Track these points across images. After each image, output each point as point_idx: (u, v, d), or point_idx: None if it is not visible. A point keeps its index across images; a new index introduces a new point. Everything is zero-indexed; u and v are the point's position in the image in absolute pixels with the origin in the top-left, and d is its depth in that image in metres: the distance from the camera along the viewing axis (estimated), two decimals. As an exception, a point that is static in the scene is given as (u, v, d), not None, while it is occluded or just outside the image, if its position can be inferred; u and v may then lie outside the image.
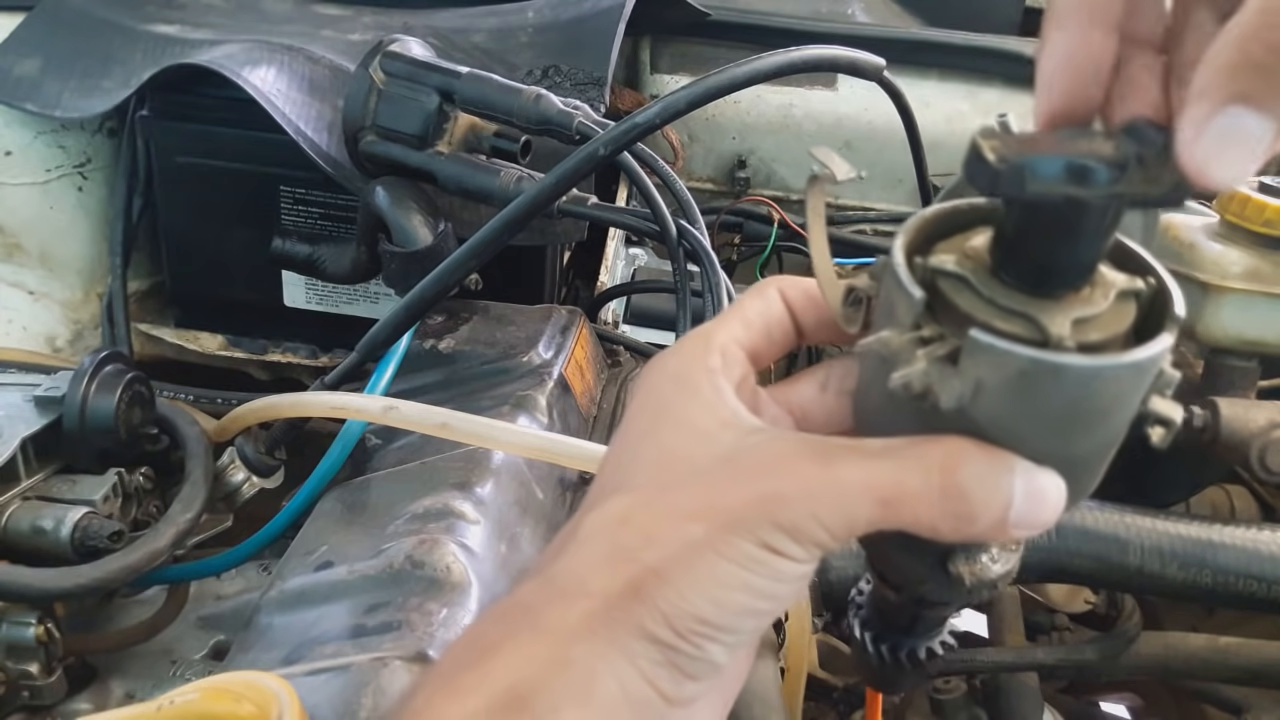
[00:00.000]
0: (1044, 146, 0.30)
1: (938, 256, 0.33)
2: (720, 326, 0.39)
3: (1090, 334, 0.31)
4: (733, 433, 0.36)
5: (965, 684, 0.92)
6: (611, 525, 0.35)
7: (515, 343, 0.84)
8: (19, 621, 0.66)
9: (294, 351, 1.03)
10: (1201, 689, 1.02)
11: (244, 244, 0.97)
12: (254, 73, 0.89)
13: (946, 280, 0.33)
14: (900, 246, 0.34)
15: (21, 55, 1.02)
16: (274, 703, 0.47)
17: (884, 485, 0.32)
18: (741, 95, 1.20)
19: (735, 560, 0.33)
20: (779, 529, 0.33)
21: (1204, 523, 0.77)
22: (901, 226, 0.35)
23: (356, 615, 0.59)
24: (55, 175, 1.04)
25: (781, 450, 0.34)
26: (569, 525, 0.38)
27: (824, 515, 0.33)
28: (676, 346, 0.40)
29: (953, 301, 0.32)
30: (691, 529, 0.33)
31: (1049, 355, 0.30)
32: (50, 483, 0.72)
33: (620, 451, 0.39)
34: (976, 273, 0.32)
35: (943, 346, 0.31)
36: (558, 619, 0.34)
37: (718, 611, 0.33)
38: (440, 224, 0.84)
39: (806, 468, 0.33)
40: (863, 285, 0.37)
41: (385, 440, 0.76)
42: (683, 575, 0.33)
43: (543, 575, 0.36)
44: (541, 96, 0.81)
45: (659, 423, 0.37)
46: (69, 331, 1.05)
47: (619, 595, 0.33)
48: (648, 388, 0.39)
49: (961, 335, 0.31)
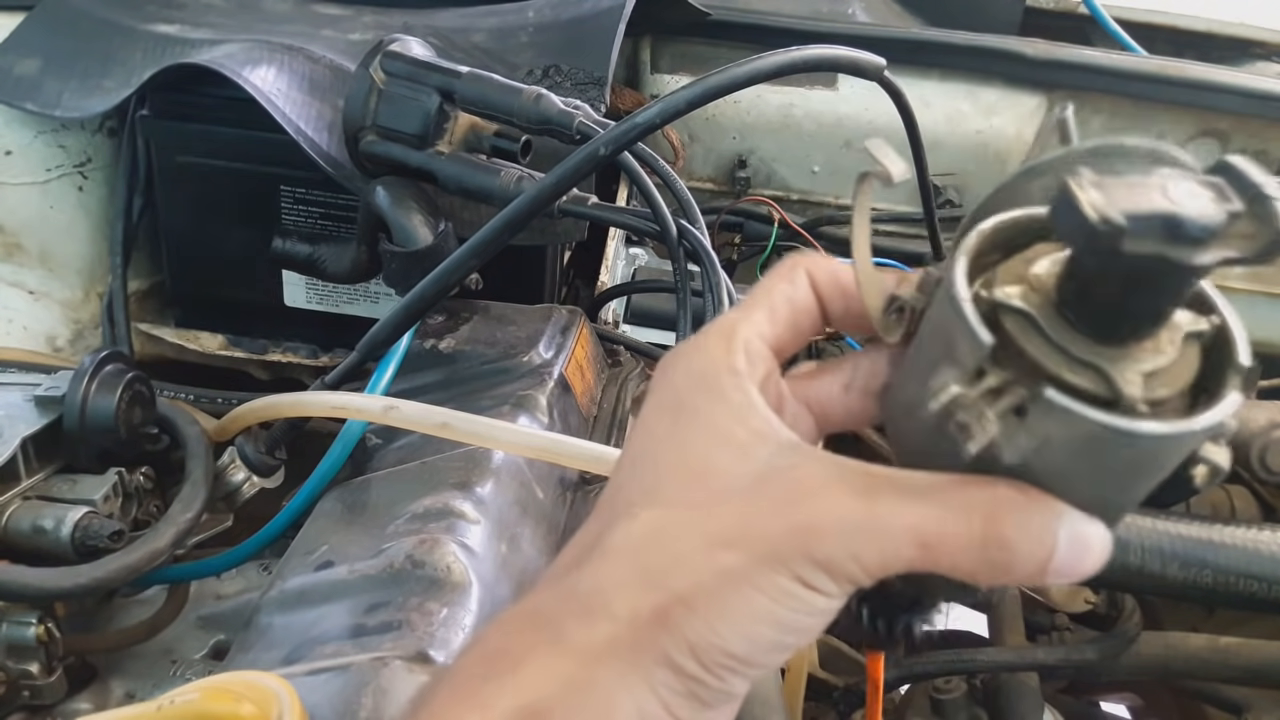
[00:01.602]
0: (1139, 196, 0.28)
1: (1002, 289, 0.31)
2: (744, 318, 0.37)
3: (1159, 389, 0.30)
4: (767, 447, 0.34)
5: (965, 684, 0.92)
6: (640, 543, 0.34)
7: (515, 342, 0.84)
8: (19, 621, 0.66)
9: (294, 351, 1.03)
10: (1202, 689, 1.02)
11: (244, 243, 0.97)
12: (254, 72, 0.89)
13: (1011, 317, 0.31)
14: (962, 273, 0.32)
15: (22, 55, 1.01)
16: (274, 702, 0.47)
17: (925, 529, 0.31)
18: (742, 95, 1.20)
19: (768, 594, 0.32)
20: (815, 564, 0.32)
21: (1204, 523, 0.77)
22: (958, 244, 0.33)
23: (357, 615, 0.59)
24: (55, 175, 1.04)
25: (821, 478, 0.33)
26: (590, 530, 0.36)
27: (862, 553, 0.32)
28: (698, 341, 0.38)
29: (1019, 344, 0.30)
30: (725, 558, 0.32)
31: (1125, 422, 0.29)
32: (50, 482, 0.71)
33: (641, 453, 0.37)
34: (1044, 310, 0.31)
35: (1010, 398, 0.30)
36: (581, 638, 0.33)
37: (746, 646, 0.32)
38: (440, 224, 0.84)
39: (847, 501, 0.32)
40: (908, 297, 0.35)
41: (385, 440, 0.76)
42: (713, 608, 0.32)
43: (564, 585, 0.35)
44: (542, 96, 0.81)
45: (683, 426, 0.36)
46: (69, 331, 1.04)
47: (645, 622, 0.32)
48: (668, 385, 0.37)
49: (1029, 385, 0.30)
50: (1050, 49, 1.19)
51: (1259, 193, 0.28)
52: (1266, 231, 0.28)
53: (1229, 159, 0.29)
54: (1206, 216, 0.27)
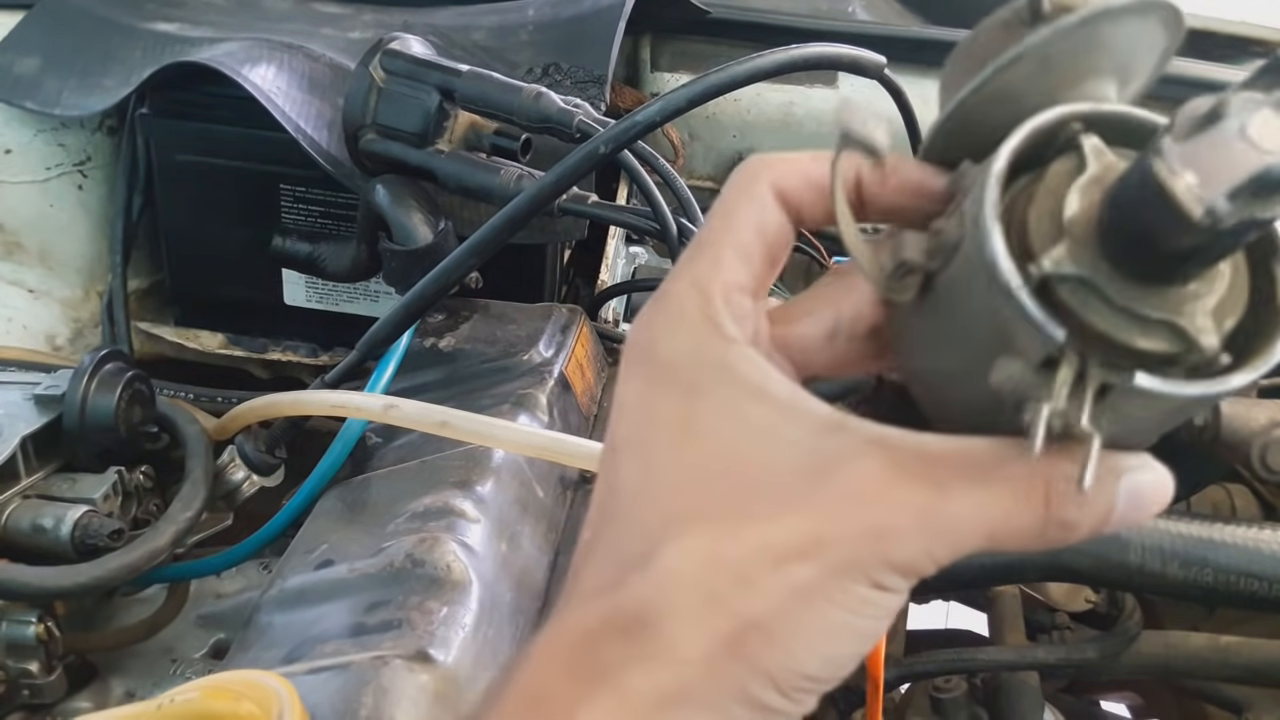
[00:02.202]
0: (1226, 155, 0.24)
1: (1047, 255, 0.28)
2: (715, 267, 0.33)
3: (1227, 319, 0.28)
4: (802, 428, 0.31)
5: (966, 683, 0.92)
6: (699, 566, 0.30)
7: (516, 341, 0.84)
8: (19, 620, 0.66)
9: (294, 350, 1.03)
10: (1202, 688, 1.02)
11: (244, 242, 0.97)
12: (254, 71, 0.88)
13: (1066, 286, 0.28)
14: (1003, 252, 0.28)
15: (21, 53, 1.01)
16: (274, 701, 0.47)
17: (994, 521, 0.29)
18: (742, 93, 1.20)
19: (846, 606, 0.29)
20: (892, 567, 0.29)
21: (1205, 521, 0.77)
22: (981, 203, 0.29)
23: (357, 614, 0.59)
24: (55, 173, 1.03)
25: (883, 470, 0.30)
26: (619, 542, 0.32)
27: (936, 550, 0.29)
28: (672, 306, 0.33)
29: (1080, 317, 0.27)
30: (797, 572, 0.29)
31: (1217, 387, 0.27)
32: (50, 481, 0.71)
33: (651, 447, 0.32)
34: (1095, 266, 0.27)
35: (1092, 385, 0.27)
36: (643, 683, 0.29)
37: (824, 665, 0.30)
38: (440, 222, 0.84)
39: (918, 496, 0.29)
40: (915, 259, 0.32)
41: (385, 439, 0.76)
42: (790, 630, 0.29)
43: (607, 612, 0.30)
44: (542, 94, 0.81)
45: (698, 414, 0.31)
46: (69, 330, 1.04)
47: (718, 658, 0.29)
48: (655, 361, 0.33)
49: (1104, 363, 0.27)
50: (1051, 47, 1.19)
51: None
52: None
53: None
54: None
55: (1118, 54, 0.32)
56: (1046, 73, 0.31)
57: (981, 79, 0.31)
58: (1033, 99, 0.31)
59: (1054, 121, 0.31)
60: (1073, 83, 0.32)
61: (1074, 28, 0.30)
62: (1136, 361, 0.27)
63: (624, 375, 0.34)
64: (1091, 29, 0.31)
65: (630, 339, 0.34)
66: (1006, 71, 0.31)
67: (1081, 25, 0.30)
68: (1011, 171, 0.30)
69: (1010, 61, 0.31)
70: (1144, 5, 0.31)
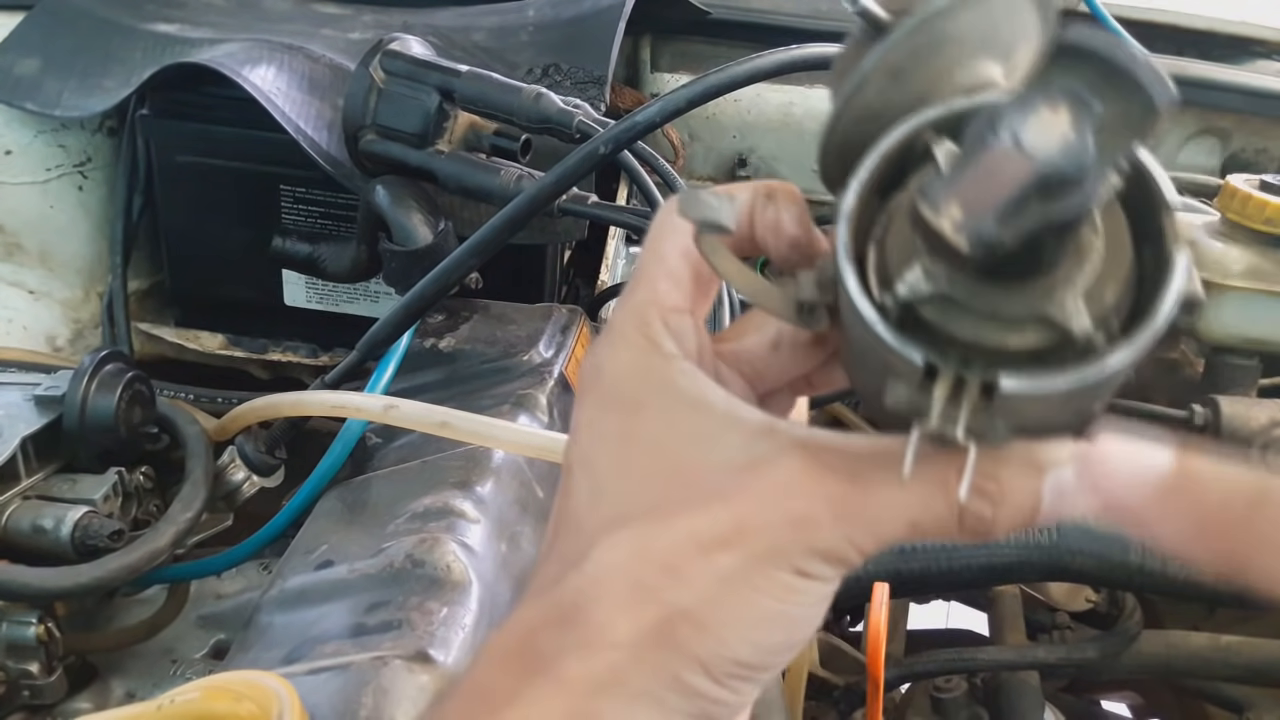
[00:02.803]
0: (996, 174, 0.24)
1: (903, 279, 0.27)
2: (650, 294, 0.34)
3: (1106, 296, 0.27)
4: (737, 433, 0.32)
5: (966, 683, 0.92)
6: (628, 557, 0.31)
7: (516, 341, 0.84)
8: (19, 621, 0.66)
9: (294, 350, 1.03)
10: (1203, 687, 1.02)
11: (244, 243, 0.97)
12: (254, 71, 0.89)
13: (927, 306, 0.28)
14: (858, 290, 0.28)
15: (21, 54, 1.01)
16: (274, 702, 0.47)
17: (914, 511, 0.30)
18: (742, 94, 1.19)
19: (773, 594, 0.30)
20: (814, 554, 0.30)
21: (1205, 521, 0.77)
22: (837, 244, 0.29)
23: (357, 614, 0.59)
24: (55, 174, 1.03)
25: (807, 464, 0.31)
26: (561, 546, 0.34)
27: (857, 537, 0.31)
28: (614, 337, 0.35)
29: (947, 331, 0.28)
30: (722, 560, 0.30)
31: (1094, 371, 0.26)
32: (50, 482, 0.71)
33: (596, 460, 0.34)
34: (953, 280, 0.27)
35: (970, 394, 0.27)
36: (578, 670, 0.30)
37: (756, 652, 0.31)
38: (440, 223, 0.84)
39: (838, 488, 0.31)
40: (811, 297, 0.32)
41: (385, 439, 0.76)
42: (718, 618, 0.30)
43: (548, 606, 0.32)
44: (541, 95, 0.81)
45: (639, 425, 0.33)
46: (69, 331, 1.04)
47: (648, 645, 0.30)
48: (601, 387, 0.34)
49: (978, 369, 0.27)
50: (1051, 47, 1.19)
51: (1113, 64, 0.23)
52: (1138, 107, 0.23)
53: (1069, 38, 0.24)
54: (1069, 150, 0.23)
55: (973, 40, 0.31)
56: (900, 82, 0.31)
57: (837, 109, 0.31)
58: (898, 108, 0.31)
59: (903, 140, 0.30)
60: (936, 80, 0.31)
61: (908, 35, 0.30)
62: (1017, 360, 0.27)
63: (578, 401, 0.36)
64: (927, 31, 0.30)
65: (582, 367, 0.36)
66: (860, 93, 0.31)
67: (914, 31, 0.30)
68: (881, 191, 0.30)
69: (858, 84, 0.30)
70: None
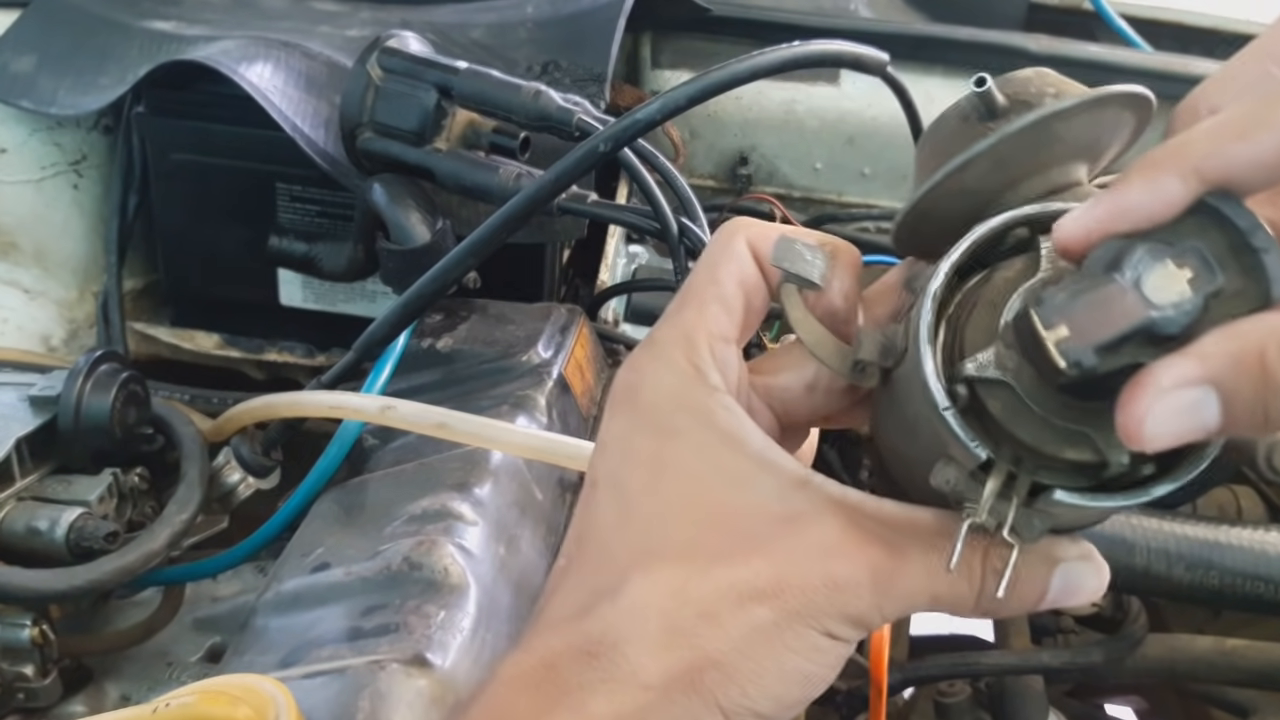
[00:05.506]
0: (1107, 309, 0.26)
1: (974, 359, 0.30)
2: (701, 317, 0.35)
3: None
4: (773, 479, 0.33)
5: (970, 687, 0.92)
6: (666, 599, 0.32)
7: (514, 342, 0.83)
8: (14, 623, 0.65)
9: (290, 350, 1.02)
10: (1208, 691, 1.01)
11: (240, 242, 0.96)
12: (250, 69, 0.88)
13: (993, 393, 0.30)
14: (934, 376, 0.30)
15: (17, 52, 1.01)
16: (270, 706, 0.47)
17: (941, 588, 0.32)
18: (743, 91, 1.19)
19: (801, 651, 0.31)
20: (846, 618, 0.31)
21: (1210, 524, 0.76)
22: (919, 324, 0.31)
23: (353, 617, 0.58)
24: (50, 173, 1.03)
25: (844, 527, 0.32)
26: (587, 573, 0.34)
27: (887, 606, 0.32)
28: (657, 351, 0.35)
29: (1007, 428, 0.30)
30: (758, 613, 0.31)
31: (1134, 500, 0.29)
32: (45, 483, 0.71)
33: (628, 483, 0.34)
34: (1020, 372, 0.29)
35: (1019, 493, 0.30)
36: (604, 708, 0.31)
37: (775, 706, 0.32)
38: (438, 221, 0.83)
39: (876, 555, 0.31)
40: (871, 359, 0.34)
41: (383, 440, 0.75)
42: (746, 668, 0.31)
43: (575, 638, 0.32)
44: (541, 93, 0.81)
45: (674, 455, 0.33)
46: (64, 330, 1.04)
47: (677, 689, 0.31)
48: (638, 404, 0.35)
49: (1028, 470, 0.30)
50: (1054, 45, 1.18)
51: (1245, 244, 0.26)
52: (1255, 291, 0.26)
53: (1212, 200, 0.26)
54: (1183, 307, 0.26)
55: (1077, 143, 0.33)
56: (1002, 170, 0.32)
57: (934, 181, 0.33)
58: (990, 193, 0.33)
59: (996, 230, 0.32)
60: (1032, 173, 0.33)
61: (1023, 131, 0.31)
62: (1065, 468, 0.30)
63: (609, 414, 0.36)
64: (1042, 129, 0.32)
65: (617, 380, 0.36)
66: (961, 172, 0.32)
67: (1030, 129, 0.31)
68: (963, 272, 0.32)
69: (962, 165, 0.32)
70: (1098, 100, 0.32)
